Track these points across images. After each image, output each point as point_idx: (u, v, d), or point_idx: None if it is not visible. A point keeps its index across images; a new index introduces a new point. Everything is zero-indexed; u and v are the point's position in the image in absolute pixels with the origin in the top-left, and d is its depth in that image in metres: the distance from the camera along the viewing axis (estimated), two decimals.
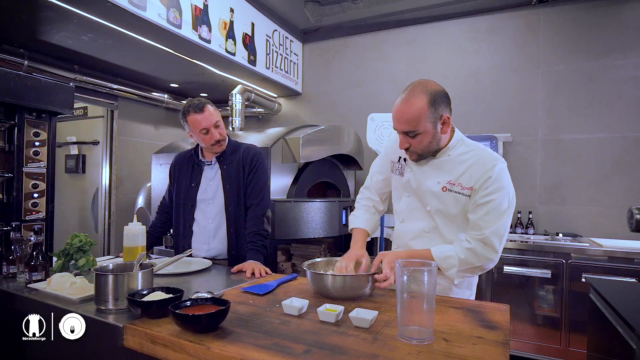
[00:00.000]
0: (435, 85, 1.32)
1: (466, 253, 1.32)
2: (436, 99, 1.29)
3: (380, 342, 0.94)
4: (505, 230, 1.33)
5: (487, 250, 1.31)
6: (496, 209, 1.31)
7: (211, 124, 1.82)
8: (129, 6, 2.35)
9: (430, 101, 1.28)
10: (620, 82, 3.16)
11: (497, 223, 1.30)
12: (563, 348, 2.69)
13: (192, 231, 1.95)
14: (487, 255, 1.31)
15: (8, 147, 2.39)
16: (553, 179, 3.35)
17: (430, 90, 1.29)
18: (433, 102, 1.28)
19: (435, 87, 1.31)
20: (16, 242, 1.49)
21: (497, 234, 1.30)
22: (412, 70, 3.89)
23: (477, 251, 1.31)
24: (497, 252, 1.32)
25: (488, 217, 1.31)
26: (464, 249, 1.32)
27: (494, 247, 1.31)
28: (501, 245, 1.32)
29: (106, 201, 4.04)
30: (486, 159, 1.35)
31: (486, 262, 1.33)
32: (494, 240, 1.30)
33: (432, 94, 1.29)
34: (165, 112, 4.62)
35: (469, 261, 1.32)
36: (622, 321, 1.31)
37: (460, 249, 1.33)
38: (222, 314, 1.01)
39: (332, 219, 2.97)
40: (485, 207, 1.31)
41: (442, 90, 1.33)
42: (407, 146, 1.37)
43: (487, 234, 1.30)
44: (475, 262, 1.32)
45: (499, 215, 1.31)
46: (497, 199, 1.31)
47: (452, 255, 1.33)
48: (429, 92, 1.29)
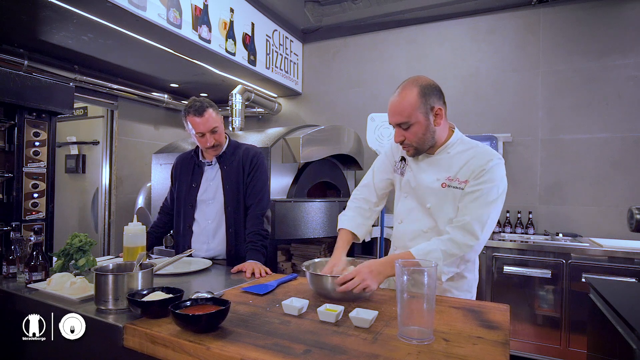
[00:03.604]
0: (426, 79, 1.36)
1: (446, 244, 1.29)
2: (426, 91, 1.33)
3: (380, 342, 0.94)
4: (488, 219, 1.30)
5: (467, 237, 1.29)
6: (483, 197, 1.30)
7: (208, 129, 1.81)
8: (129, 6, 2.35)
9: (420, 92, 1.32)
10: (620, 82, 3.16)
11: (481, 210, 1.29)
12: (563, 348, 2.69)
13: (192, 231, 1.96)
14: (467, 242, 1.29)
15: (8, 147, 2.39)
16: (553, 179, 3.35)
17: (420, 82, 1.34)
18: (423, 94, 1.32)
19: (426, 81, 1.35)
20: (16, 242, 1.49)
21: (480, 220, 1.28)
22: (412, 70, 3.88)
23: (458, 240, 1.29)
24: (478, 239, 1.29)
25: (473, 204, 1.30)
26: (444, 240, 1.30)
27: (474, 234, 1.28)
28: (483, 233, 1.30)
29: (106, 201, 4.04)
30: (483, 154, 1.36)
31: (467, 250, 1.30)
32: (475, 226, 1.28)
33: (422, 86, 1.33)
34: (165, 112, 4.62)
35: (451, 252, 1.29)
36: (622, 321, 1.31)
37: (440, 241, 1.31)
38: (222, 314, 1.01)
39: (332, 219, 2.97)
40: (472, 195, 1.31)
41: (433, 83, 1.36)
42: (402, 139, 1.39)
43: (469, 220, 1.29)
44: (457, 252, 1.29)
45: (484, 204, 1.30)
46: (485, 189, 1.30)
47: (433, 249, 1.29)
48: (419, 85, 1.33)
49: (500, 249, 2.89)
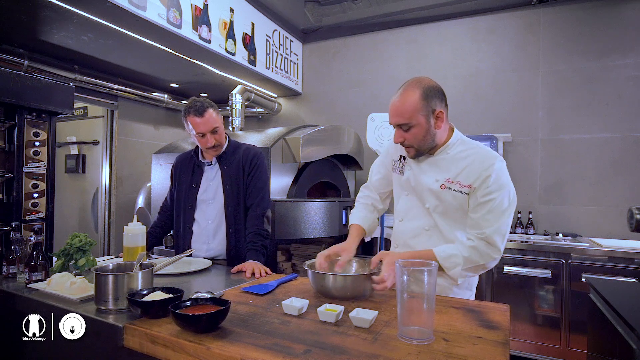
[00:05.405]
0: (429, 80, 1.35)
1: (470, 251, 1.32)
2: (429, 93, 1.32)
3: (380, 342, 0.94)
4: (506, 229, 1.33)
5: (491, 248, 1.31)
6: (497, 207, 1.31)
7: (208, 129, 1.81)
8: (129, 6, 2.35)
9: (422, 95, 1.31)
10: (620, 82, 3.16)
11: (499, 222, 1.31)
12: (563, 348, 2.69)
13: (192, 231, 1.96)
14: (490, 254, 1.31)
15: (8, 147, 2.39)
16: (553, 179, 3.35)
17: (423, 85, 1.33)
18: (425, 96, 1.31)
19: (429, 83, 1.34)
20: (16, 242, 1.49)
21: (499, 232, 1.31)
22: (412, 70, 3.89)
23: (481, 249, 1.31)
24: (500, 251, 1.32)
25: (489, 215, 1.31)
26: (467, 247, 1.32)
27: (496, 246, 1.31)
28: (503, 244, 1.33)
29: (106, 201, 4.04)
30: (485, 157, 1.36)
31: (489, 260, 1.33)
32: (497, 239, 1.30)
33: (425, 89, 1.32)
34: (165, 112, 4.62)
35: (473, 259, 1.31)
36: (622, 321, 1.31)
37: (463, 247, 1.33)
38: (222, 314, 1.01)
39: (332, 219, 2.97)
40: (486, 206, 1.32)
41: (436, 85, 1.35)
42: (402, 140, 1.39)
43: (489, 233, 1.30)
44: (479, 260, 1.32)
45: (500, 214, 1.31)
46: (497, 198, 1.31)
47: (455, 253, 1.32)
48: (422, 87, 1.32)
49: None
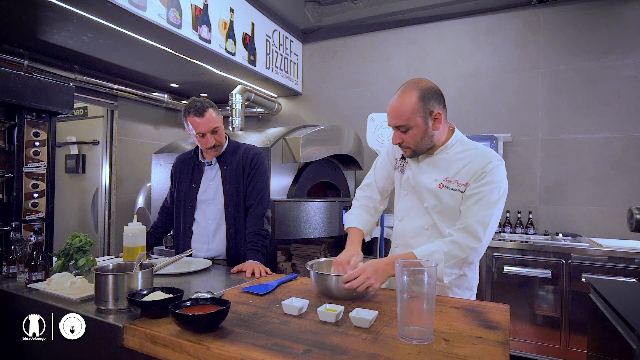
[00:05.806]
0: (427, 82, 1.35)
1: (449, 246, 1.30)
2: (426, 95, 1.32)
3: (380, 342, 0.94)
4: (490, 220, 1.31)
5: (470, 239, 1.29)
6: (485, 199, 1.30)
7: (208, 129, 1.81)
8: (129, 6, 2.35)
9: (420, 96, 1.32)
10: (620, 82, 3.16)
11: (483, 212, 1.30)
12: (563, 348, 2.69)
13: (192, 231, 1.96)
14: (470, 245, 1.29)
15: (8, 147, 2.39)
16: (553, 179, 3.35)
17: (421, 86, 1.33)
18: (423, 98, 1.32)
19: (427, 84, 1.34)
20: (16, 242, 1.49)
21: (482, 222, 1.29)
22: (412, 70, 3.89)
23: (460, 242, 1.30)
24: (481, 241, 1.30)
25: (475, 206, 1.31)
26: (447, 242, 1.31)
27: (477, 236, 1.29)
28: (485, 235, 1.30)
29: (106, 201, 4.04)
30: (483, 156, 1.36)
31: (470, 252, 1.31)
32: (478, 228, 1.29)
33: (423, 90, 1.32)
34: (165, 112, 4.62)
35: (454, 253, 1.30)
36: (622, 321, 1.31)
37: (443, 243, 1.31)
38: (222, 314, 1.01)
39: (332, 219, 2.97)
40: (474, 198, 1.32)
41: (434, 87, 1.35)
42: (400, 141, 1.39)
43: (471, 222, 1.29)
44: (460, 254, 1.30)
45: (486, 206, 1.30)
46: (486, 191, 1.31)
47: (435, 250, 1.30)
48: (420, 88, 1.32)
49: (501, 249, 2.89)
